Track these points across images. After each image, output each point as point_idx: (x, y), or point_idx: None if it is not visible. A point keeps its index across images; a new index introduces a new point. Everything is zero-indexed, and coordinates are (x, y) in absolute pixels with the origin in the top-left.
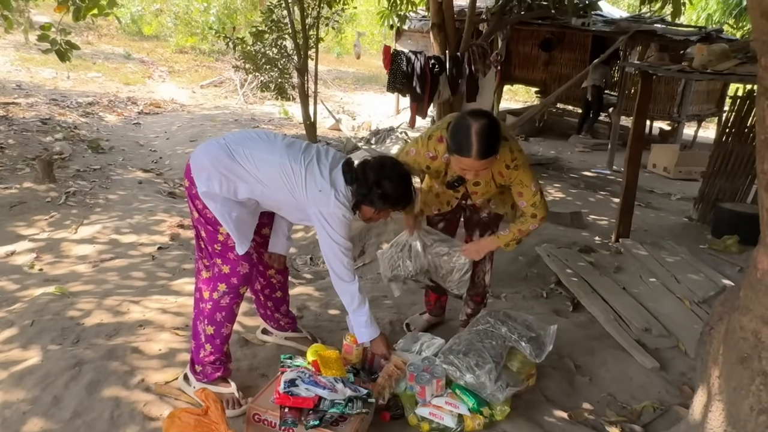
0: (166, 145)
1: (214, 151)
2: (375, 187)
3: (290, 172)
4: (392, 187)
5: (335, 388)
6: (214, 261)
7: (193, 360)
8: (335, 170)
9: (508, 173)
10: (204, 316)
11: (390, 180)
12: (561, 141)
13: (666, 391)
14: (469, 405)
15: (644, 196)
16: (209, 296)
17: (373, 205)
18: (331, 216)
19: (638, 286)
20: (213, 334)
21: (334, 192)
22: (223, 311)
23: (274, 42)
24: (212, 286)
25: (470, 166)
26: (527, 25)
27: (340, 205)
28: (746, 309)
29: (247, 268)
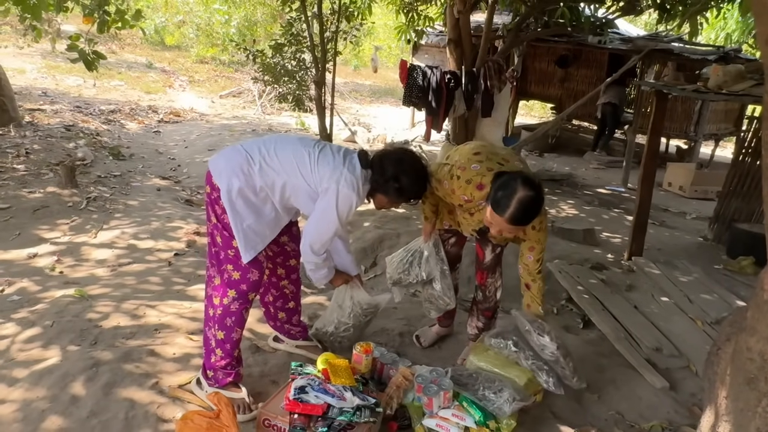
0: (184, 153)
1: (230, 153)
2: (392, 180)
3: (303, 155)
4: (409, 182)
5: (344, 396)
6: (225, 267)
7: (205, 365)
8: (349, 155)
9: (530, 233)
10: (214, 321)
11: (407, 176)
12: (576, 157)
13: (675, 412)
14: (475, 418)
15: (659, 214)
16: (219, 302)
17: (387, 196)
18: (338, 193)
19: (650, 305)
20: (223, 339)
21: (347, 172)
22: (233, 316)
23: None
24: (222, 291)
25: (498, 224)
26: (544, 41)
27: (350, 184)
28: (753, 330)
29: (257, 275)
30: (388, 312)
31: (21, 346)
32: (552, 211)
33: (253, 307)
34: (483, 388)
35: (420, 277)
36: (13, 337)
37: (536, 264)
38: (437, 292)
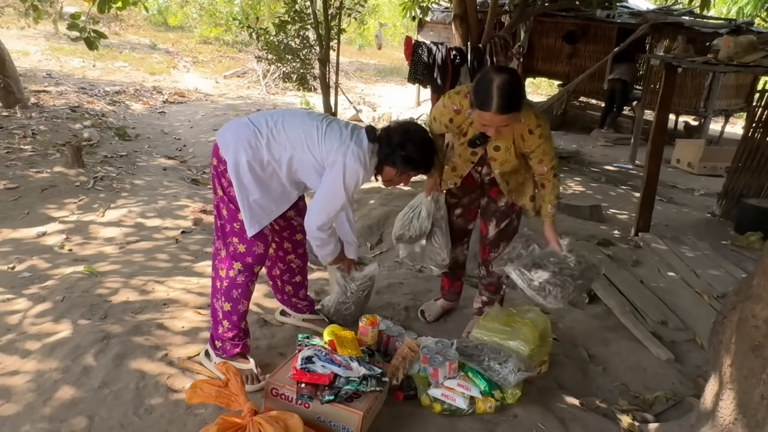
0: (189, 133)
1: (237, 125)
2: (399, 148)
3: (311, 128)
4: (415, 150)
5: (350, 366)
6: (231, 240)
7: (213, 336)
8: (357, 130)
9: (530, 139)
10: (221, 293)
11: (413, 143)
12: (583, 135)
13: (680, 383)
14: (480, 388)
15: (667, 191)
16: (225, 274)
17: (395, 167)
18: (345, 166)
19: (656, 279)
20: (230, 311)
21: (355, 146)
22: (239, 288)
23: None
24: (228, 264)
25: (490, 122)
26: (551, 17)
27: (357, 158)
28: (759, 297)
29: (262, 248)
30: (394, 287)
31: (33, 320)
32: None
33: (260, 282)
34: (488, 359)
35: (419, 231)
36: (24, 312)
37: (551, 171)
38: (434, 247)
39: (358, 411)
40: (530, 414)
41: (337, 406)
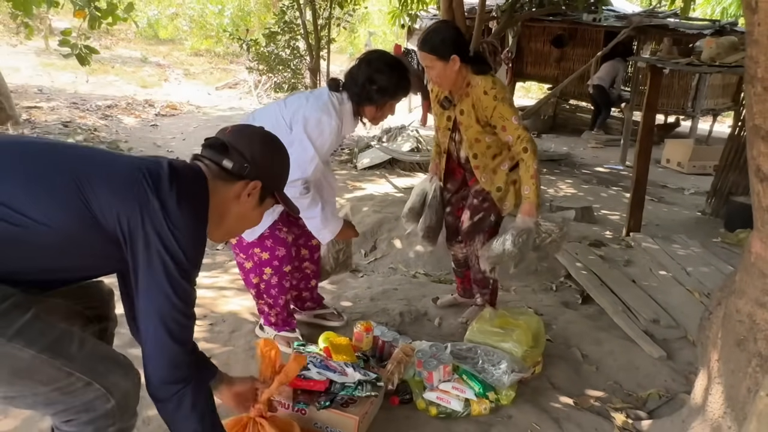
0: (182, 146)
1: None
2: (368, 84)
3: (276, 108)
4: (384, 78)
5: (345, 372)
6: (253, 251)
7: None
8: (315, 90)
9: (485, 100)
10: (259, 295)
11: (380, 72)
12: (574, 137)
13: (672, 380)
14: (475, 390)
15: (657, 191)
16: (258, 281)
17: (372, 102)
18: (304, 118)
19: (648, 278)
20: (272, 304)
21: (312, 99)
22: (275, 288)
23: (287, 43)
24: (258, 272)
25: (422, 60)
26: (538, 21)
27: (316, 109)
28: (742, 292)
29: (283, 251)
30: (388, 293)
31: None
32: (550, 190)
33: None
34: (482, 361)
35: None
36: None
37: (519, 142)
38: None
39: (354, 416)
40: (525, 414)
41: (333, 411)
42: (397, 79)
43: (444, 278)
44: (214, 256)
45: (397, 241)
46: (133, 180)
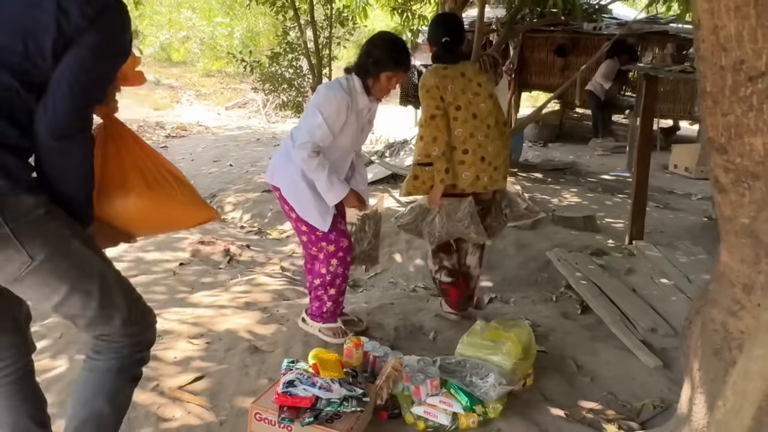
0: (191, 166)
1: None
2: (365, 58)
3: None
4: (383, 52)
5: (331, 388)
6: (321, 245)
7: (314, 313)
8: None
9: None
10: (325, 284)
11: (375, 46)
12: (581, 145)
13: (669, 390)
14: (462, 403)
15: (664, 197)
16: (326, 271)
17: (369, 75)
18: (318, 93)
19: (649, 287)
20: (335, 293)
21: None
22: (339, 277)
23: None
24: (326, 263)
25: None
26: (540, 32)
27: (327, 87)
28: (715, 302)
29: (346, 242)
30: (385, 308)
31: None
32: (554, 200)
33: (253, 309)
34: (470, 375)
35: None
36: None
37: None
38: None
39: (338, 431)
40: (514, 427)
41: (317, 427)
42: (390, 52)
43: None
44: (216, 275)
45: (398, 256)
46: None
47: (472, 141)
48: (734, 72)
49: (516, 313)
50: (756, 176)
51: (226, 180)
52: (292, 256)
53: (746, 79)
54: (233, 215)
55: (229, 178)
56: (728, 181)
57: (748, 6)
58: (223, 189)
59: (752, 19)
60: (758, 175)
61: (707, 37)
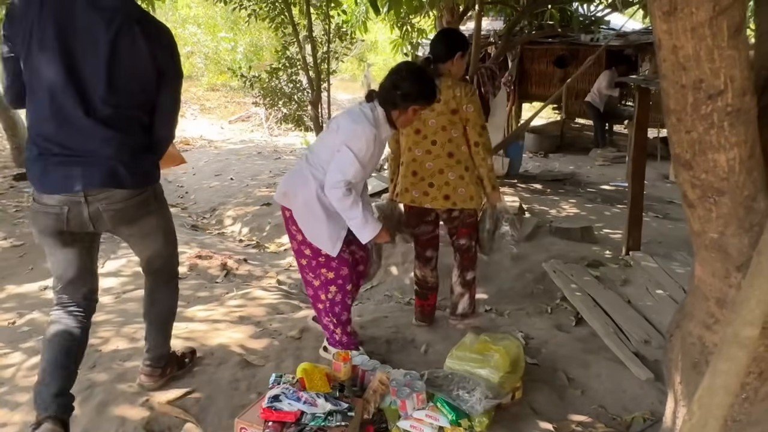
0: (192, 180)
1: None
2: (393, 90)
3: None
4: (410, 84)
5: (315, 403)
6: (320, 271)
7: (331, 342)
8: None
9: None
10: (326, 312)
11: (403, 79)
12: (581, 156)
13: (659, 402)
14: (449, 417)
15: (663, 207)
16: (325, 297)
17: (397, 107)
18: (346, 129)
19: (644, 298)
20: (337, 322)
21: (345, 113)
22: (339, 305)
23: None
24: (324, 290)
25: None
26: (538, 44)
27: (351, 119)
28: (691, 316)
29: (346, 270)
30: (378, 321)
31: (25, 372)
32: (552, 211)
33: (247, 323)
34: (457, 388)
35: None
36: (18, 365)
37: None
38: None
39: None
40: None
41: None
42: (419, 86)
43: (438, 305)
44: (212, 289)
45: (394, 268)
46: None
47: (409, 154)
48: (694, 90)
49: (510, 326)
50: (721, 192)
51: (226, 194)
52: (289, 269)
53: (706, 97)
54: (232, 229)
55: (229, 191)
56: (695, 196)
57: (704, 27)
58: (223, 203)
59: (708, 40)
60: (723, 190)
61: (668, 56)
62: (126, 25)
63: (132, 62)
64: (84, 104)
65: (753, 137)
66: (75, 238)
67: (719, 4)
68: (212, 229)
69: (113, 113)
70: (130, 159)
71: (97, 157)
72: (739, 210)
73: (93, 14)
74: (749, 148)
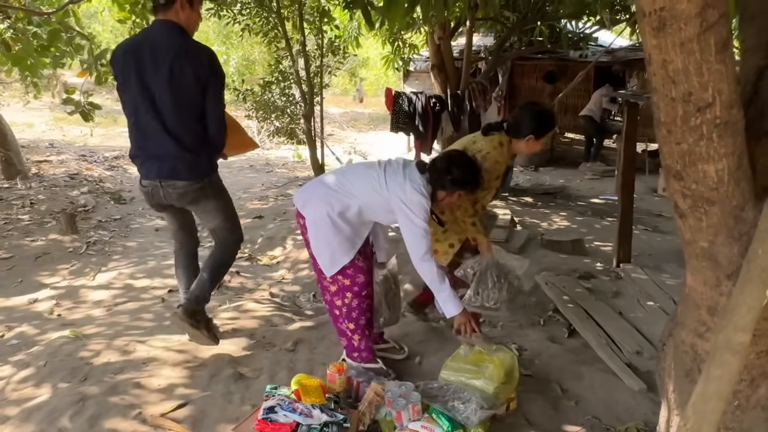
0: None
1: (311, 186)
2: (445, 173)
3: (373, 175)
4: (459, 171)
5: (311, 414)
6: (337, 278)
7: (348, 350)
8: (408, 167)
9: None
10: (342, 318)
11: (456, 166)
12: (571, 170)
13: (653, 413)
14: (444, 428)
15: (652, 220)
16: (342, 303)
17: (445, 190)
18: (410, 201)
19: (635, 310)
20: (354, 328)
21: (410, 182)
22: (356, 311)
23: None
24: (341, 295)
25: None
26: (528, 59)
27: (416, 192)
28: (683, 324)
29: (362, 278)
30: None
31: (15, 386)
32: (543, 224)
33: (240, 335)
34: (452, 399)
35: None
36: (8, 379)
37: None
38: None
39: None
40: None
41: None
42: (469, 175)
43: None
44: None
45: None
46: None
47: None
48: (684, 103)
49: (503, 337)
50: (711, 202)
51: None
52: (282, 281)
53: (695, 110)
54: None
55: None
56: (686, 206)
57: (692, 42)
58: None
59: (696, 54)
60: (713, 200)
61: (657, 70)
62: (176, 59)
63: (185, 83)
64: (156, 120)
65: (740, 148)
66: (164, 207)
67: (706, 21)
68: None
69: (176, 125)
70: (187, 158)
71: (166, 157)
72: (728, 219)
73: (156, 55)
74: (737, 159)
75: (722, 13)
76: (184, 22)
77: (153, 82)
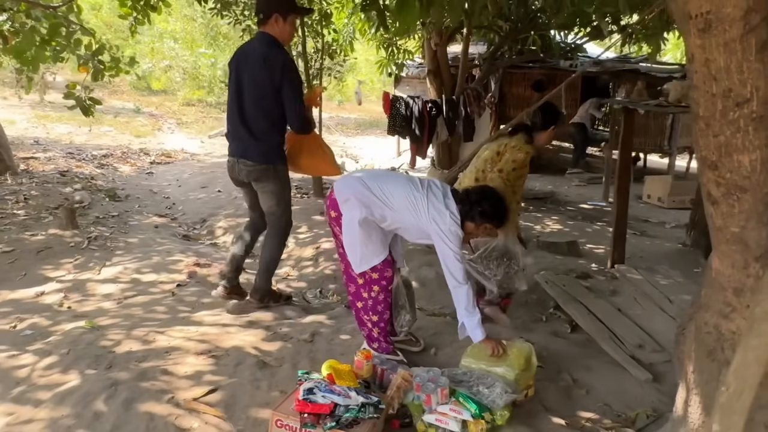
0: (178, 192)
1: (355, 184)
2: (476, 205)
3: (414, 198)
4: (489, 205)
5: (349, 395)
6: (365, 271)
7: (369, 340)
8: (447, 197)
9: None
10: (366, 310)
11: (488, 200)
12: (558, 176)
13: (659, 401)
14: (471, 411)
15: (640, 225)
16: (368, 296)
17: (474, 221)
18: (448, 231)
19: (633, 307)
20: (377, 320)
21: (449, 213)
22: (381, 304)
23: None
24: (367, 288)
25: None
26: (519, 68)
27: (454, 222)
28: (707, 306)
29: (390, 272)
30: None
31: (41, 372)
32: (537, 227)
33: (256, 327)
34: (477, 384)
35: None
36: (32, 366)
37: None
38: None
39: None
40: None
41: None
42: (498, 211)
43: (437, 312)
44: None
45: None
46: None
47: None
48: (723, 98)
49: (510, 333)
50: (744, 189)
51: (215, 205)
52: (287, 278)
53: (734, 105)
54: (224, 239)
55: (218, 203)
56: (719, 194)
57: (735, 43)
58: (213, 214)
59: (738, 54)
60: (746, 188)
61: (699, 68)
62: (259, 65)
63: (261, 85)
64: (239, 111)
65: None
66: (241, 183)
67: (749, 23)
68: (204, 240)
69: (250, 117)
70: (256, 144)
71: (242, 140)
72: (759, 205)
73: (248, 61)
74: None
75: (764, 16)
76: (277, 34)
77: (243, 82)
